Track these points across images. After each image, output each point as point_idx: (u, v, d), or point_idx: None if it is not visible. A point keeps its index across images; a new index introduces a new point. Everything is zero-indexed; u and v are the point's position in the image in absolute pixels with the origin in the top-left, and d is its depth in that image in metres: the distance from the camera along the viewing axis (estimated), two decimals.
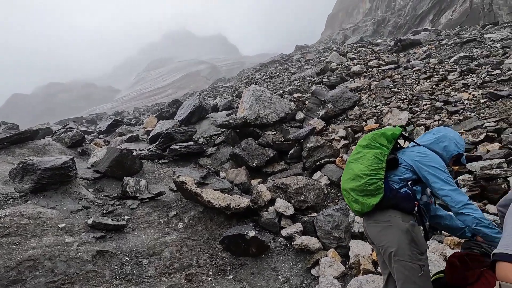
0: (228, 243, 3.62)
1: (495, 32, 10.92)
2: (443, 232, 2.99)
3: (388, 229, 1.79)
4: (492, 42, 9.19)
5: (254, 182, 5.12)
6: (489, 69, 6.30)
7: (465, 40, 10.15)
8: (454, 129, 4.72)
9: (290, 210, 3.97)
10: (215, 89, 18.98)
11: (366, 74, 9.96)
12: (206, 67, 56.54)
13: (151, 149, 7.09)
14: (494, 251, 1.16)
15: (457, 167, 3.73)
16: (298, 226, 3.73)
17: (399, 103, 6.33)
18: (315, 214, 3.95)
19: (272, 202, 4.35)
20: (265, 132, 7.03)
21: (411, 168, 1.85)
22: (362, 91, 8.06)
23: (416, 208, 1.80)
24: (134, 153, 6.12)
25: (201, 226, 4.08)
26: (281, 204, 4.02)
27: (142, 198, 4.59)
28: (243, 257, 3.61)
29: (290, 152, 6.01)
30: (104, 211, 4.23)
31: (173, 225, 4.17)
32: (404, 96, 6.63)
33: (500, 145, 3.66)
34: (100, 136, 10.58)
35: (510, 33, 10.30)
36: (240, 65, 52.49)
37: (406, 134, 2.02)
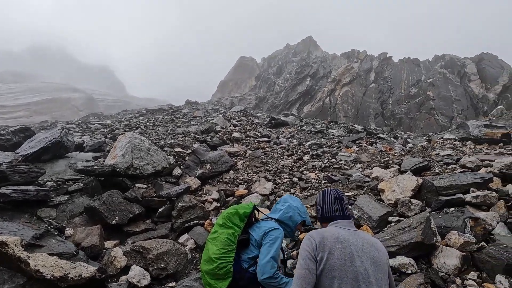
0: None
1: (335, 129, 14.70)
2: None
3: None
4: (333, 136, 12.27)
5: (109, 244, 4.41)
6: (329, 157, 8.25)
7: (317, 130, 13.13)
8: (303, 203, 5.71)
9: (146, 280, 3.56)
10: (86, 124, 16.55)
11: (244, 141, 11.12)
12: (80, 97, 49.26)
13: None
14: None
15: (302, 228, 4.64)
16: None
17: (266, 174, 7.24)
18: (174, 284, 3.68)
19: (127, 269, 3.81)
20: (136, 185, 6.46)
21: (259, 244, 2.05)
22: (239, 157, 8.85)
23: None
24: None
25: None
26: (136, 272, 3.56)
27: None
28: None
29: (160, 210, 5.66)
30: None
31: None
32: (271, 168, 7.68)
33: None
34: None
35: (343, 131, 14.08)
36: (124, 104, 48.77)
37: (259, 207, 2.32)
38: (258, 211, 2.34)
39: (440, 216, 4.06)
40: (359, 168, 7.26)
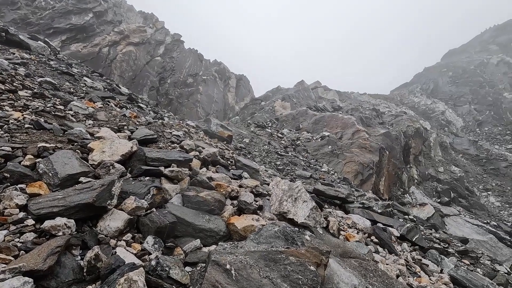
0: None
1: (94, 79, 12.70)
2: None
3: None
4: (85, 85, 10.42)
5: None
6: (57, 103, 6.71)
7: (66, 71, 10.64)
8: None
9: None
10: None
11: None
12: None
13: None
14: None
15: None
16: None
17: None
18: None
19: None
20: None
21: None
22: None
23: None
24: None
25: None
26: None
27: None
28: None
29: None
30: None
31: None
32: None
33: None
34: None
35: (103, 86, 12.45)
36: None
37: None
38: None
39: (133, 182, 4.19)
40: (89, 124, 6.40)
